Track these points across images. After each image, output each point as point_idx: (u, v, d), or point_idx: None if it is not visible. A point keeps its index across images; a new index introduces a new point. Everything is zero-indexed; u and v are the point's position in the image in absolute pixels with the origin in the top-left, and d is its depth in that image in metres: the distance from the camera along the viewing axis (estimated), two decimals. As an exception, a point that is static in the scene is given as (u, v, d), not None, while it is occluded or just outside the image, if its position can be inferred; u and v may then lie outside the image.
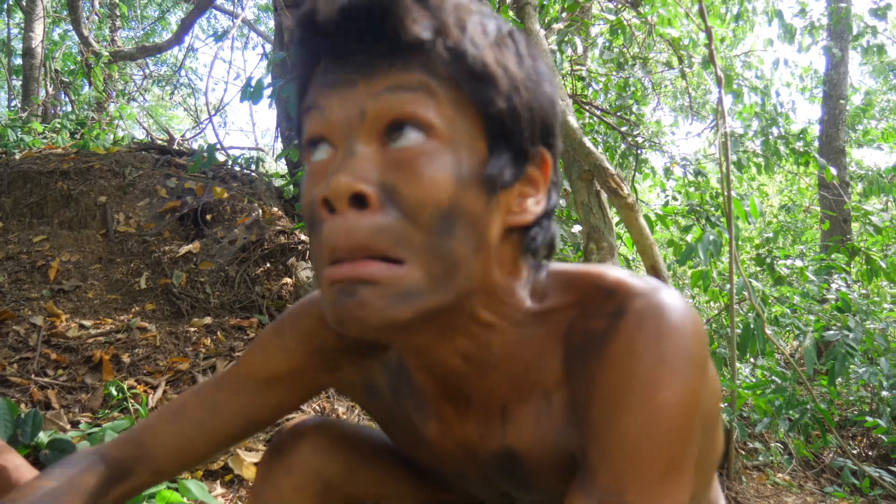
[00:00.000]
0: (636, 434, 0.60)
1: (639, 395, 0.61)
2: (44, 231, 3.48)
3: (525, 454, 0.72)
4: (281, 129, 4.32)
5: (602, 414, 0.62)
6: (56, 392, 2.58)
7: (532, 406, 0.71)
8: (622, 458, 0.60)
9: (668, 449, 0.60)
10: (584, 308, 0.68)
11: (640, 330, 0.63)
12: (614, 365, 0.63)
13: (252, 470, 2.37)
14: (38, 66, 7.54)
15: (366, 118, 0.59)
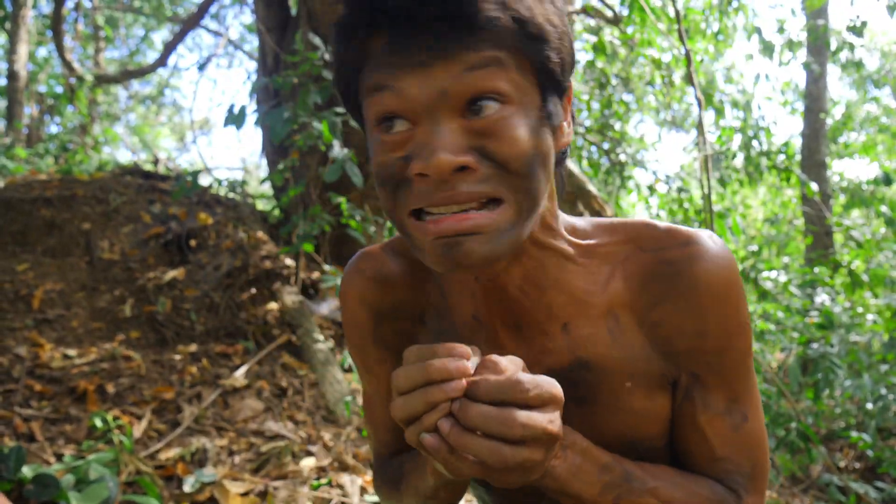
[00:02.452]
0: (739, 353, 0.80)
1: (741, 326, 0.80)
2: (27, 259, 3.47)
3: (598, 363, 0.80)
4: (266, 154, 4.33)
5: (718, 343, 0.79)
6: (40, 424, 2.56)
7: (599, 323, 0.80)
8: (732, 374, 0.80)
9: (748, 357, 0.82)
10: (641, 244, 0.80)
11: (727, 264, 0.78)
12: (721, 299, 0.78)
13: (238, 501, 2.37)
14: (21, 88, 7.54)
15: (448, 97, 0.65)
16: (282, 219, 3.88)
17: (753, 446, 0.83)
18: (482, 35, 0.64)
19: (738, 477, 0.83)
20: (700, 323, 0.79)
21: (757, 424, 0.83)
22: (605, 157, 6.03)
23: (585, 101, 5.84)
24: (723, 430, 0.81)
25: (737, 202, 10.28)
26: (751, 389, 0.83)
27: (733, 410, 0.82)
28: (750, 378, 0.83)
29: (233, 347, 3.17)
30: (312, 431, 2.81)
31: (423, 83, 0.65)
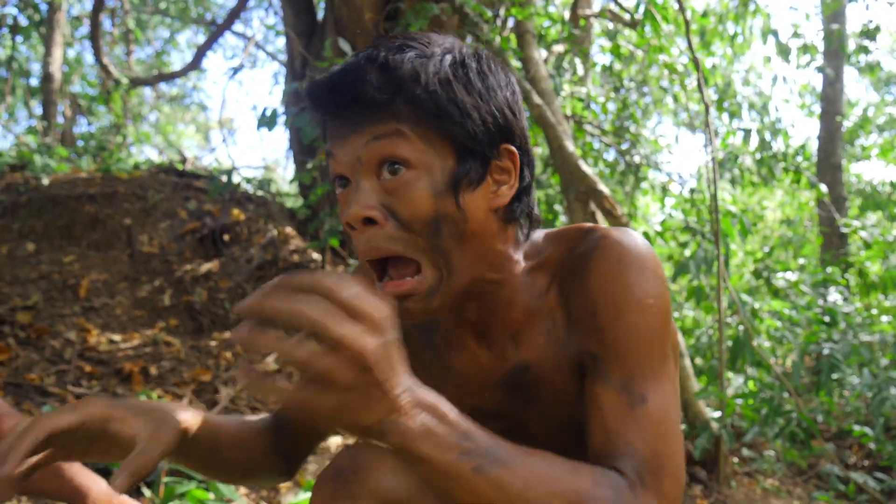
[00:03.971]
0: (637, 333, 0.83)
1: (633, 303, 0.83)
2: (73, 252, 3.72)
3: (535, 363, 0.92)
4: (293, 153, 4.56)
5: (606, 319, 0.84)
6: (91, 402, 2.80)
7: (540, 328, 0.92)
8: (630, 351, 0.83)
9: (659, 343, 0.84)
10: (572, 248, 0.91)
11: (623, 249, 0.86)
12: (609, 277, 0.85)
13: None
14: (56, 89, 7.83)
15: (362, 161, 0.81)
16: (309, 215, 4.10)
17: (653, 432, 0.80)
18: (383, 113, 0.80)
19: (632, 461, 0.79)
20: (591, 302, 0.86)
21: (659, 411, 0.81)
22: (621, 158, 6.20)
23: (602, 104, 6.00)
24: (617, 405, 0.81)
25: (752, 203, 10.36)
26: (656, 373, 0.83)
27: (630, 389, 0.81)
28: (654, 361, 0.83)
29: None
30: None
31: (346, 151, 0.82)
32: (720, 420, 3.34)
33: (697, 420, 3.48)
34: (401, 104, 0.80)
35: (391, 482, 0.95)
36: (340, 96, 0.81)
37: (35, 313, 3.27)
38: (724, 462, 3.41)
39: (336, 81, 0.81)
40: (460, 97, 0.82)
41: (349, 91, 0.80)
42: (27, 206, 3.98)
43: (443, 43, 0.86)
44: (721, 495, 3.34)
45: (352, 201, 0.80)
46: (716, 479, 3.41)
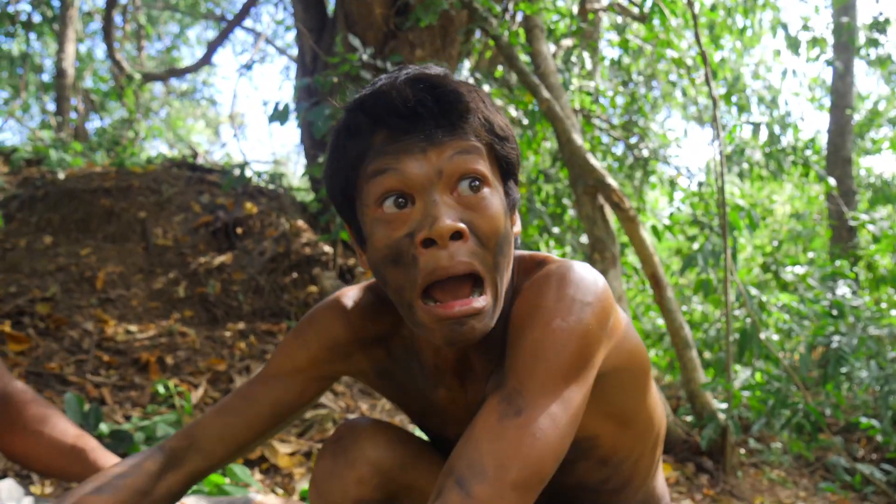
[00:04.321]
0: (534, 348, 0.83)
1: (539, 320, 0.84)
2: (90, 245, 3.79)
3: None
4: (304, 148, 4.61)
5: (514, 335, 0.86)
6: (109, 390, 2.86)
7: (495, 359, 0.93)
8: (523, 364, 0.83)
9: (557, 363, 0.82)
10: (521, 278, 0.93)
11: (548, 279, 0.87)
12: (524, 301, 0.87)
13: (286, 459, 2.64)
14: (69, 85, 7.91)
15: (443, 175, 0.82)
16: (320, 209, 4.15)
17: (509, 444, 0.79)
18: (463, 129, 0.84)
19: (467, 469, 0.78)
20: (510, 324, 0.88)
21: (528, 426, 0.79)
22: (630, 152, 6.22)
23: (610, 98, 6.03)
24: (489, 413, 0.82)
25: (762, 197, 10.35)
26: (544, 391, 0.81)
27: (511, 400, 0.81)
28: (546, 380, 0.82)
29: (277, 326, 3.45)
30: (351, 402, 3.08)
31: (422, 165, 0.82)
32: (727, 411, 3.38)
33: (704, 411, 3.53)
34: (476, 123, 0.84)
35: (385, 451, 1.06)
36: (425, 108, 0.82)
37: (53, 304, 3.34)
38: (730, 452, 3.45)
39: (410, 95, 0.82)
40: (504, 123, 0.88)
41: (430, 104, 0.82)
42: (44, 199, 4.05)
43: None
44: (727, 485, 3.38)
45: (436, 215, 0.80)
46: (722, 469, 3.45)
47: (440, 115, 0.83)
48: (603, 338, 0.87)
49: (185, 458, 1.04)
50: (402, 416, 3.05)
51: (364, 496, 1.05)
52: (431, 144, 0.82)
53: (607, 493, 1.09)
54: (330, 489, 1.05)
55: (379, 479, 1.06)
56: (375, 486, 1.05)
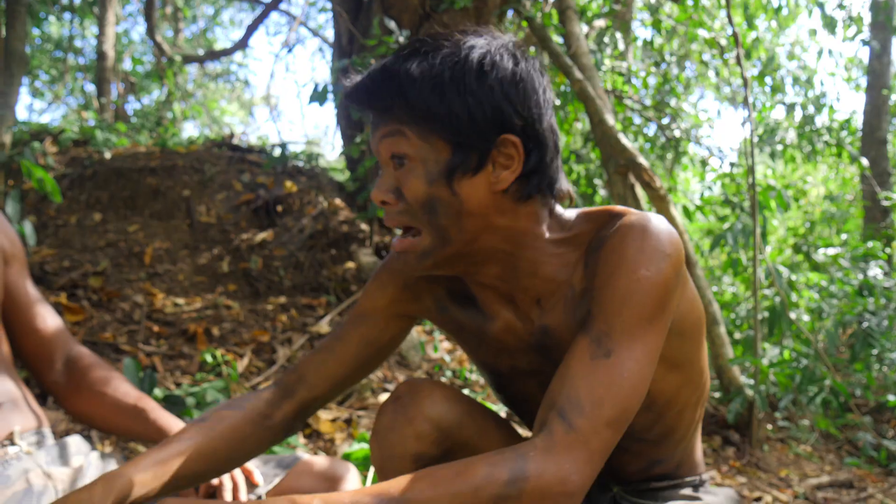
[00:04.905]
0: (621, 295, 0.94)
1: (625, 270, 0.95)
2: (137, 221, 3.95)
3: (554, 328, 1.06)
4: (341, 128, 4.72)
5: (601, 283, 0.97)
6: (160, 358, 3.02)
7: (560, 296, 1.06)
8: (611, 309, 0.94)
9: (641, 309, 0.93)
10: (599, 228, 1.04)
11: (631, 230, 0.97)
12: (610, 252, 0.98)
13: (328, 425, 2.77)
14: (109, 67, 8.10)
15: (379, 154, 1.02)
16: (357, 187, 4.27)
17: (602, 382, 0.90)
18: (388, 116, 0.99)
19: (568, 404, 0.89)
20: (597, 269, 0.99)
21: (618, 367, 0.91)
22: (662, 133, 6.25)
23: (642, 79, 6.05)
24: (582, 353, 0.93)
25: (796, 178, 10.27)
26: (630, 336, 0.93)
27: (600, 342, 0.93)
28: (632, 325, 0.93)
29: (316, 300, 3.59)
30: (388, 373, 3.21)
31: (372, 144, 1.03)
32: (754, 387, 3.45)
33: (731, 386, 3.60)
34: (400, 108, 0.98)
35: (442, 408, 1.14)
36: (359, 102, 1.02)
37: (105, 278, 3.50)
38: (757, 427, 3.52)
39: (355, 89, 1.02)
40: (449, 99, 0.96)
41: (364, 98, 1.01)
42: (92, 178, 4.22)
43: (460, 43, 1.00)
44: (753, 458, 3.45)
45: (376, 185, 1.02)
46: (748, 443, 3.53)
47: (371, 106, 1.01)
48: (678, 286, 0.99)
49: (296, 390, 1.19)
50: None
51: (422, 451, 1.13)
52: (373, 129, 1.03)
53: (648, 444, 1.15)
54: (390, 443, 1.14)
55: (436, 435, 1.13)
56: (433, 441, 1.13)
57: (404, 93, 0.97)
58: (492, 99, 0.97)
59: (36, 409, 1.40)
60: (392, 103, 0.98)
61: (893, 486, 3.36)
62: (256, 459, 1.40)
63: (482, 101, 0.96)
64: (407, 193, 0.99)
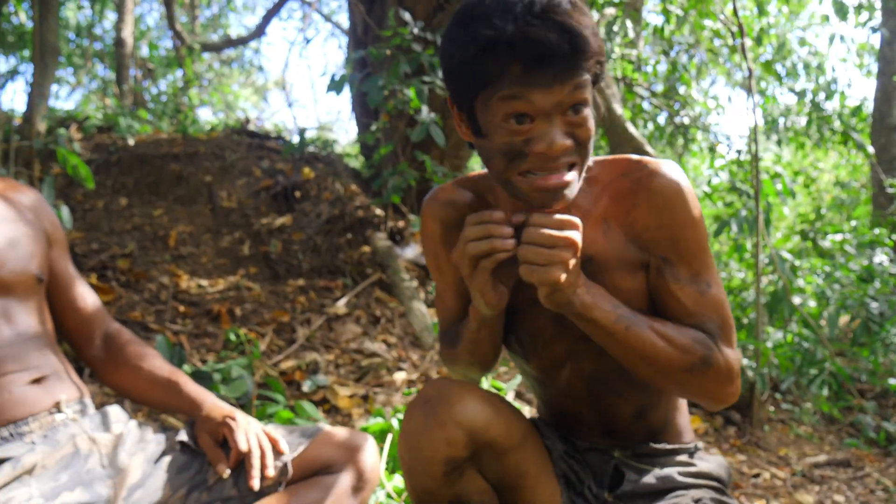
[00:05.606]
0: (694, 241, 1.16)
1: (692, 219, 1.16)
2: (161, 206, 4.11)
3: (596, 256, 1.19)
4: (356, 116, 4.85)
5: (675, 231, 1.16)
6: (186, 337, 3.18)
7: (597, 228, 1.19)
8: (695, 254, 1.17)
9: (705, 244, 1.18)
10: (621, 171, 1.20)
11: (675, 179, 1.17)
12: (672, 201, 1.16)
13: (346, 401, 2.92)
14: (128, 54, 8.24)
15: (562, 105, 1.05)
16: (372, 174, 4.40)
17: (718, 307, 1.17)
18: (582, 68, 1.06)
19: (711, 329, 1.16)
20: (657, 219, 1.16)
21: (718, 291, 1.18)
22: (671, 119, 6.34)
23: (652, 66, 6.14)
24: (691, 294, 1.17)
25: (807, 164, 10.29)
26: (710, 268, 1.18)
27: (698, 281, 1.17)
28: (707, 259, 1.18)
29: (334, 282, 3.74)
30: (402, 353, 3.36)
31: (549, 96, 1.04)
32: (755, 368, 3.57)
33: (733, 367, 3.71)
34: (591, 62, 1.06)
35: (472, 412, 1.18)
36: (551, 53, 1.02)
37: (132, 260, 3.66)
38: (758, 407, 3.64)
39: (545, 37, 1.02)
40: (601, 46, 1.08)
41: (562, 49, 1.02)
42: (117, 164, 4.38)
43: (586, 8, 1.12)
44: (754, 437, 3.57)
45: (553, 136, 1.04)
46: (749, 423, 3.64)
47: (568, 57, 1.03)
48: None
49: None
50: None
51: (453, 454, 1.17)
52: (557, 82, 1.04)
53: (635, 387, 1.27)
54: (421, 446, 1.18)
55: (467, 439, 1.17)
56: (463, 445, 1.17)
57: (588, 45, 1.04)
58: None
59: (77, 381, 1.50)
60: (588, 55, 1.05)
61: (891, 465, 3.48)
62: (282, 429, 1.49)
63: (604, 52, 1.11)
64: (584, 135, 1.07)
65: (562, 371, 1.29)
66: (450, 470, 1.19)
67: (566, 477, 1.31)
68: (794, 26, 9.29)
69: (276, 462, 1.39)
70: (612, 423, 1.32)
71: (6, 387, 1.34)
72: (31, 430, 1.35)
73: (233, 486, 1.38)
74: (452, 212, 1.29)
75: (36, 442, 1.34)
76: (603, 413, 1.30)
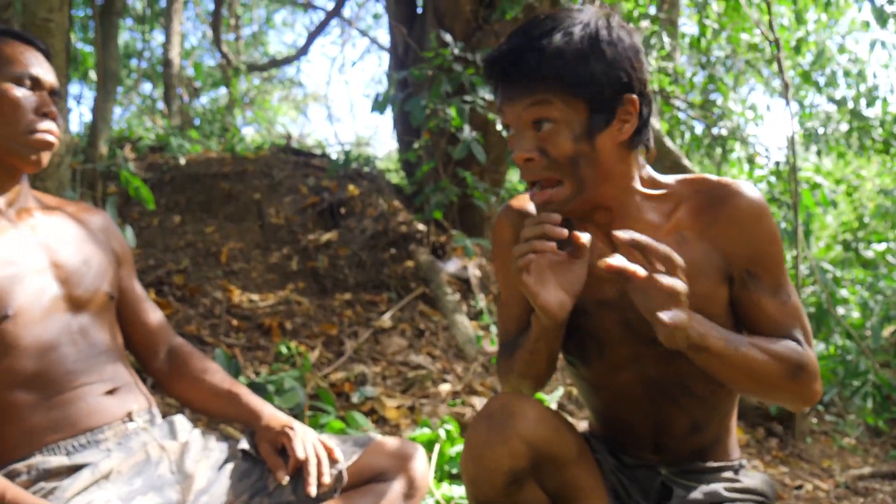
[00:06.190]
0: (775, 257, 1.24)
1: (775, 237, 1.25)
2: (213, 223, 4.28)
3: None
4: (397, 133, 4.99)
5: (761, 248, 1.23)
6: (240, 350, 3.31)
7: (669, 239, 1.23)
8: (775, 270, 1.25)
9: (783, 261, 1.26)
10: (696, 188, 1.27)
11: (756, 199, 1.24)
12: (757, 219, 1.23)
13: (393, 412, 3.02)
14: (175, 74, 8.50)
15: (521, 119, 1.17)
16: (415, 190, 4.52)
17: (798, 315, 1.26)
18: (537, 85, 1.16)
19: (796, 335, 1.25)
20: (743, 235, 1.23)
21: (796, 300, 1.27)
22: (709, 130, 6.35)
23: (688, 79, 6.16)
24: (776, 305, 1.25)
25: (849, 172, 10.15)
26: (788, 279, 1.27)
27: (780, 292, 1.25)
28: (785, 272, 1.27)
29: (379, 297, 3.85)
30: (447, 364, 3.45)
31: (512, 110, 1.18)
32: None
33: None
34: (549, 79, 1.14)
35: (534, 426, 1.23)
36: (508, 72, 1.18)
37: (186, 276, 3.82)
38: (800, 419, 3.64)
39: (505, 60, 1.17)
40: (592, 68, 1.14)
41: (514, 69, 1.17)
42: (171, 183, 4.57)
43: (581, 19, 1.18)
44: (796, 449, 3.57)
45: (517, 147, 1.17)
46: (791, 434, 3.65)
47: (522, 75, 1.16)
48: None
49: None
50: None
51: (516, 466, 1.22)
52: (517, 95, 1.17)
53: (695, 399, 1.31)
54: (485, 458, 1.22)
55: (530, 453, 1.22)
56: (526, 458, 1.22)
57: (553, 65, 1.13)
58: (623, 65, 1.17)
59: (146, 392, 1.59)
60: (542, 74, 1.14)
61: (937, 478, 3.45)
62: (335, 438, 1.54)
63: (616, 68, 1.16)
64: (553, 151, 1.16)
65: (623, 374, 1.32)
66: (511, 482, 1.23)
67: (615, 491, 1.36)
68: (834, 33, 9.21)
69: (331, 470, 1.44)
70: (665, 435, 1.35)
71: (83, 397, 1.42)
72: (107, 438, 1.43)
73: (291, 492, 1.44)
74: (524, 220, 1.32)
75: (111, 449, 1.42)
76: (657, 424, 1.34)
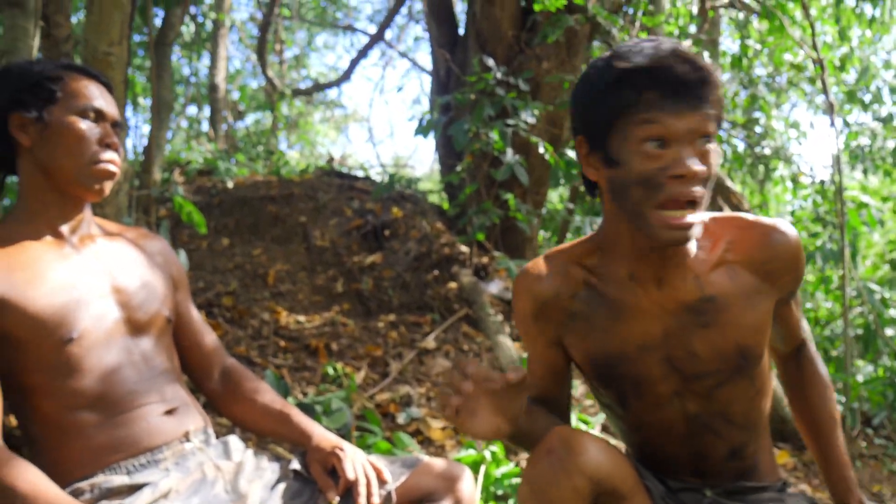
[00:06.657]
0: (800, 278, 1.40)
1: (804, 264, 1.39)
2: (260, 245, 4.38)
3: (721, 296, 1.30)
4: (440, 156, 5.06)
5: (798, 276, 1.38)
6: (287, 370, 3.38)
7: (723, 271, 1.32)
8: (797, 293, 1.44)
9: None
10: (742, 227, 1.33)
11: (793, 234, 1.34)
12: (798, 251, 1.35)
13: (438, 433, 3.06)
14: (222, 99, 8.73)
15: (693, 132, 1.17)
16: (458, 212, 4.58)
17: (802, 325, 1.52)
18: (709, 101, 1.19)
19: (805, 334, 1.52)
20: (788, 268, 1.34)
21: (800, 315, 1.50)
22: (752, 149, 6.31)
23: (730, 98, 6.14)
24: (796, 316, 1.47)
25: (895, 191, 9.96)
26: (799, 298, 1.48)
27: (797, 308, 1.47)
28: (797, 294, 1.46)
29: (423, 318, 3.90)
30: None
31: (683, 122, 1.16)
32: (844, 403, 3.55)
33: (822, 402, 3.68)
34: (715, 97, 1.19)
35: (596, 461, 1.24)
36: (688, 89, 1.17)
37: (235, 297, 3.92)
38: (848, 443, 3.60)
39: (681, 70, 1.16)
40: (722, 95, 1.22)
41: (700, 84, 1.17)
42: (219, 206, 4.69)
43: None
44: (845, 473, 3.52)
45: (689, 161, 1.16)
46: (840, 458, 3.60)
47: (699, 89, 1.17)
48: None
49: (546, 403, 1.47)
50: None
51: (578, 502, 1.23)
52: (689, 109, 1.16)
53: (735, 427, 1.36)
54: (549, 494, 1.23)
55: (592, 488, 1.23)
56: (588, 492, 1.23)
57: (714, 78, 1.19)
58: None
59: (202, 412, 1.64)
60: (715, 93, 1.19)
61: None
62: (384, 459, 1.58)
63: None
64: (710, 169, 1.19)
65: (663, 411, 1.36)
66: None
67: None
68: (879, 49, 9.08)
69: (380, 490, 1.48)
70: (705, 462, 1.38)
71: (144, 417, 1.48)
72: (165, 458, 1.48)
73: None
74: (546, 285, 1.38)
75: (170, 468, 1.47)
76: (697, 453, 1.37)
